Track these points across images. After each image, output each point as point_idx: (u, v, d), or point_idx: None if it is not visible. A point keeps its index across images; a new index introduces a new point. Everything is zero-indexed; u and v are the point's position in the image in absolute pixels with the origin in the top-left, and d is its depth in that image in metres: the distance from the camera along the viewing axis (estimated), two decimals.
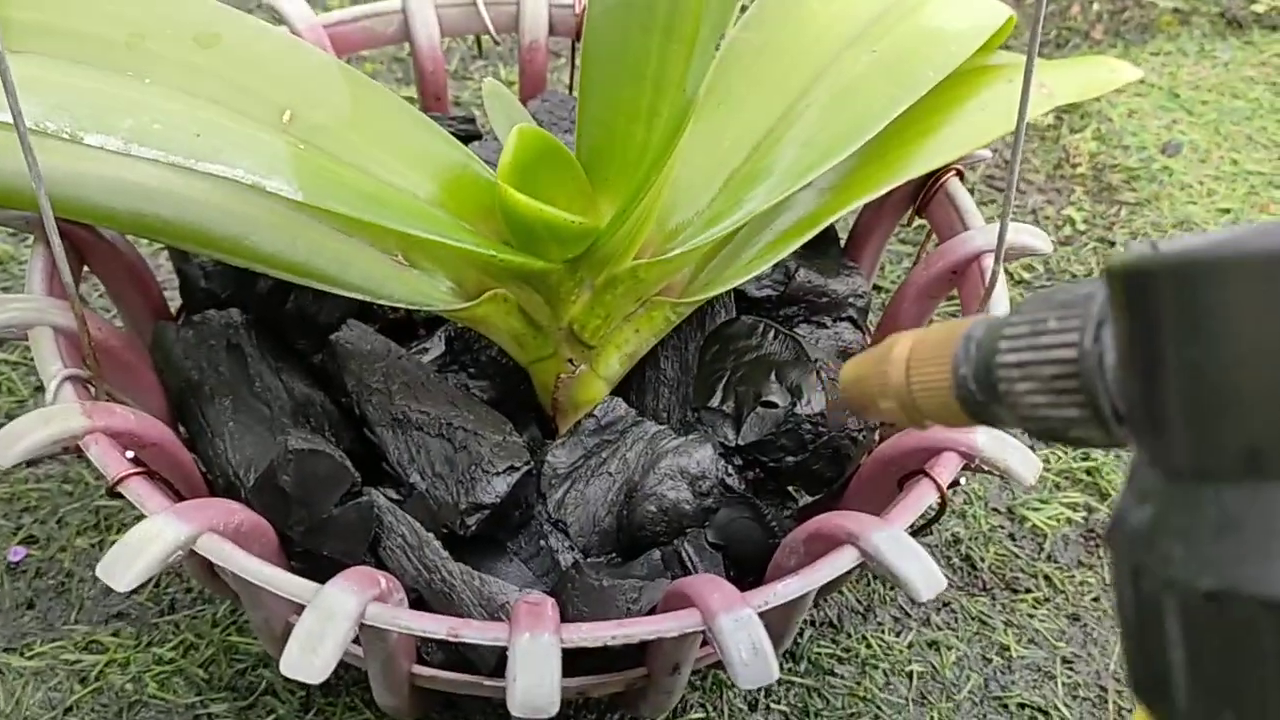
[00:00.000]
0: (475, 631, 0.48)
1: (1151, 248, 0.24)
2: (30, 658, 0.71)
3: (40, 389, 0.84)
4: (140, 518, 0.50)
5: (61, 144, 0.53)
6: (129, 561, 0.47)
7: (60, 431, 0.51)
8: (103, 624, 0.73)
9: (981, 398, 0.33)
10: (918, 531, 0.55)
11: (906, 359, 0.37)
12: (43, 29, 0.57)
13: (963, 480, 0.57)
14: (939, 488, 0.55)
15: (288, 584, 0.48)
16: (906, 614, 0.79)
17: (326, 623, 0.46)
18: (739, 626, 0.48)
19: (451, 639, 0.47)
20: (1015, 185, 0.55)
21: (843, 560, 0.52)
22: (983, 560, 0.82)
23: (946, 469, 0.56)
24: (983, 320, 0.34)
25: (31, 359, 0.87)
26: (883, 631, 0.78)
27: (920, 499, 0.55)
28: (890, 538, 0.51)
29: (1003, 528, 0.85)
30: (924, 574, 0.50)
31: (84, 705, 0.69)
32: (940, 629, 0.78)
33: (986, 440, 0.56)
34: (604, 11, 0.62)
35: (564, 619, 0.50)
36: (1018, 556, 0.83)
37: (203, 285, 0.69)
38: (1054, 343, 0.29)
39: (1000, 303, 0.62)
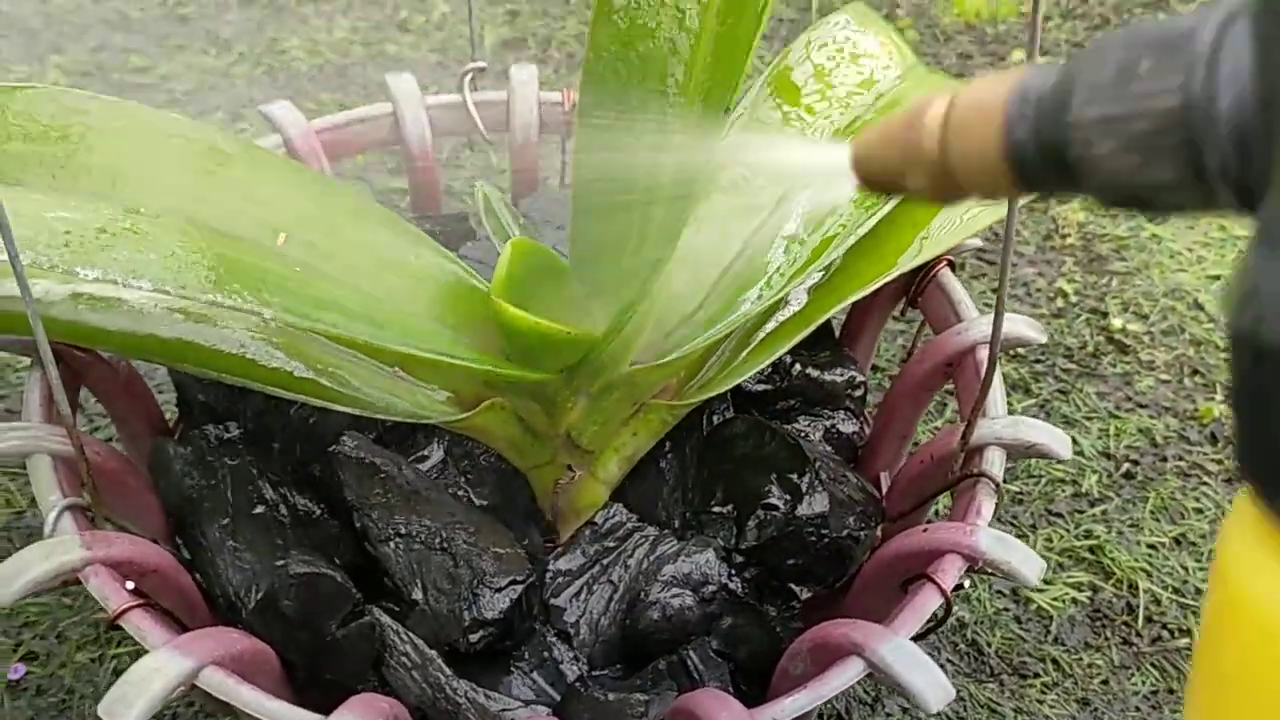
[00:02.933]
0: None
1: None
2: None
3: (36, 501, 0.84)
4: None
5: (48, 272, 0.53)
6: (131, 701, 0.46)
7: (60, 566, 0.51)
8: None
9: (1043, 163, 0.28)
10: (923, 635, 0.55)
11: (942, 122, 0.31)
12: (37, 160, 0.58)
13: (966, 583, 0.57)
14: (943, 592, 0.55)
15: (291, 717, 0.48)
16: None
17: None
18: None
19: None
20: (1006, 285, 0.55)
21: (850, 672, 0.51)
22: (989, 645, 0.81)
23: (949, 572, 0.56)
24: (1043, 70, 0.29)
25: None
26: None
27: (925, 604, 0.54)
28: (897, 648, 0.51)
29: (1008, 610, 0.84)
30: (933, 686, 0.50)
31: None
32: (950, 719, 0.77)
33: (989, 543, 0.56)
34: (594, 121, 0.63)
35: None
36: (1024, 640, 0.82)
37: (200, 399, 0.69)
38: (1150, 89, 0.24)
39: (996, 400, 0.63)
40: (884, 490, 0.72)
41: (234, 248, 0.57)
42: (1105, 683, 0.80)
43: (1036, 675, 0.80)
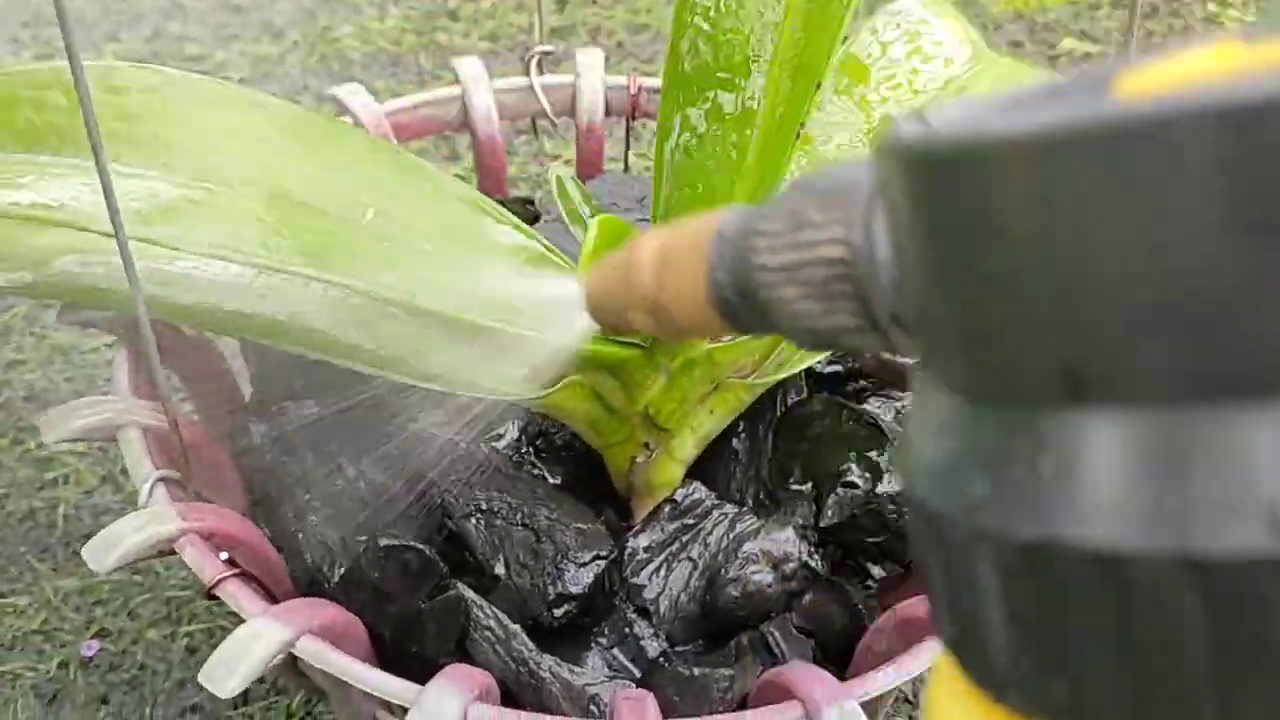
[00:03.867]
0: None
1: (921, 122, 0.18)
2: None
3: (106, 479, 0.85)
4: (233, 615, 0.50)
5: (138, 244, 0.53)
6: (231, 666, 0.47)
7: (155, 535, 0.52)
8: (178, 718, 0.73)
9: (742, 304, 0.28)
10: None
11: (654, 263, 0.31)
12: (129, 139, 0.58)
13: None
14: None
15: (389, 686, 0.48)
16: None
17: None
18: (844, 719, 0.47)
19: None
20: None
21: (938, 648, 0.51)
22: None
23: None
24: (736, 213, 0.29)
25: (98, 449, 0.88)
26: None
27: None
28: None
29: None
30: None
31: None
32: None
33: None
34: (678, 99, 0.63)
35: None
36: None
37: (277, 375, 0.70)
38: (819, 239, 0.24)
39: None
40: None
41: (321, 221, 0.58)
42: None
43: None
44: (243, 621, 0.49)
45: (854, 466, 0.63)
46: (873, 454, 0.63)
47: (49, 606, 0.79)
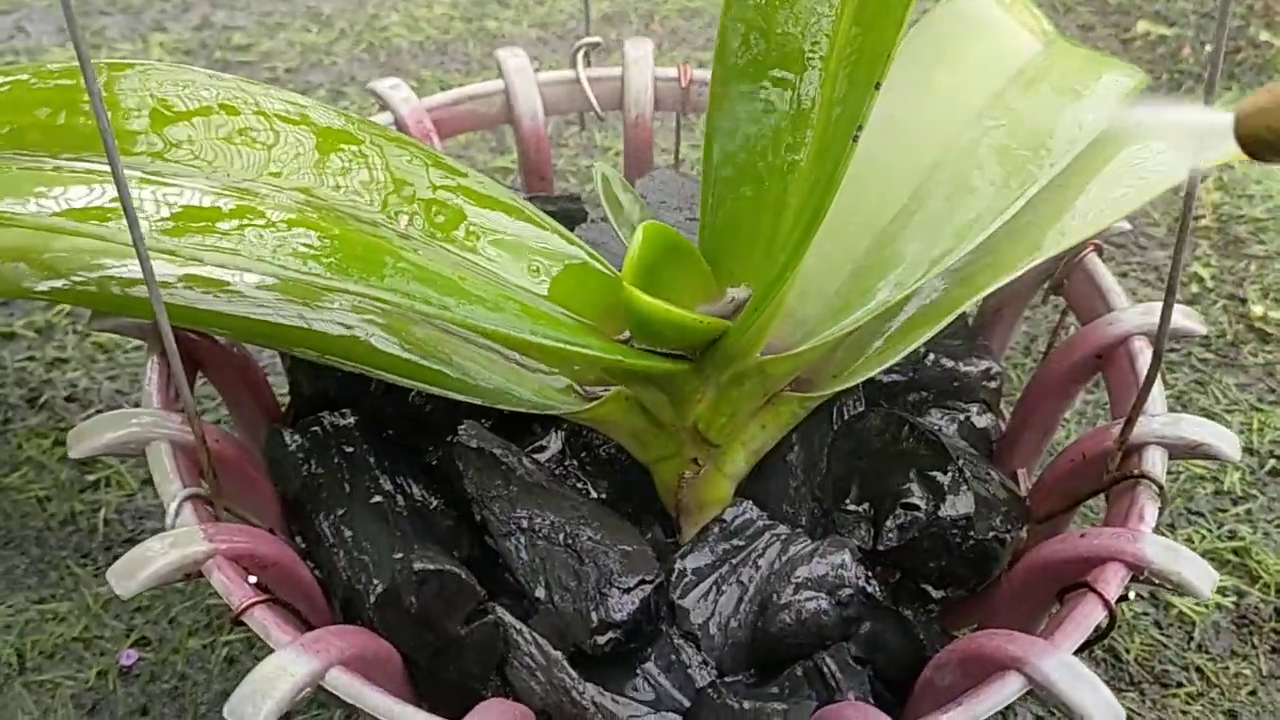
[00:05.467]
0: None
1: None
2: None
3: (148, 482, 0.84)
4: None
5: (167, 252, 0.51)
6: (257, 703, 0.45)
7: (182, 559, 0.50)
8: None
9: None
10: (1080, 649, 0.51)
11: None
12: (168, 144, 0.56)
13: (1131, 595, 0.53)
14: (1106, 604, 0.51)
15: None
16: (1051, 712, 0.74)
17: None
18: None
19: None
20: (1180, 266, 0.51)
21: (1008, 689, 0.48)
22: (1128, 652, 0.77)
23: (1112, 582, 0.52)
24: None
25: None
26: None
27: (1087, 617, 0.51)
28: (1062, 665, 0.47)
29: (1147, 614, 0.79)
30: (1102, 708, 0.46)
31: None
32: None
33: (1156, 551, 0.52)
34: (727, 98, 0.60)
35: None
36: (1166, 646, 0.78)
37: (311, 386, 0.68)
38: None
39: (1156, 395, 0.58)
40: (1024, 489, 0.68)
41: (355, 229, 0.55)
42: (1253, 693, 0.75)
43: (1180, 685, 0.76)
44: (271, 651, 0.47)
45: (915, 487, 0.59)
46: (935, 474, 0.59)
47: (89, 614, 0.78)
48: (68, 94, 0.59)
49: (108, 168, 0.56)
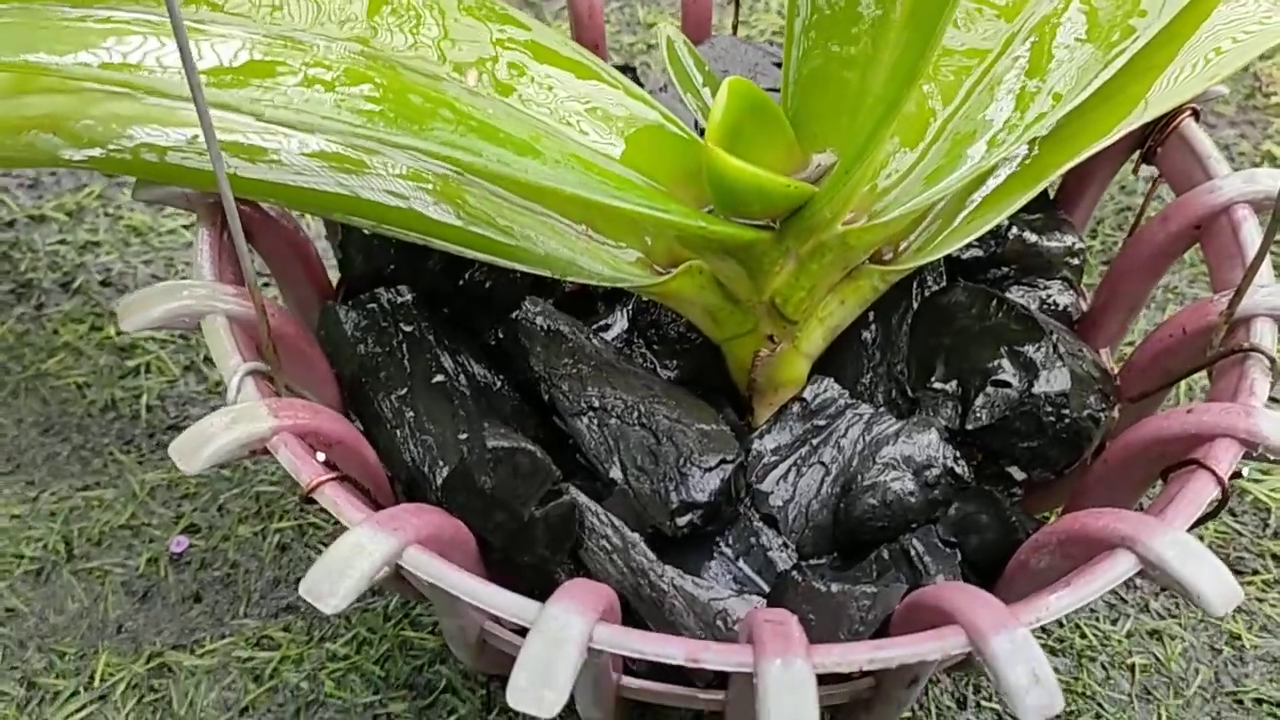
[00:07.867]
0: (717, 656, 0.42)
1: None
2: (201, 655, 0.68)
3: (190, 368, 0.81)
4: (324, 514, 0.46)
5: (216, 111, 0.48)
6: (335, 581, 0.42)
7: (247, 434, 0.47)
8: (273, 618, 0.70)
9: None
10: (1192, 528, 0.49)
11: None
12: None
13: (1245, 472, 0.50)
14: (1220, 481, 0.48)
15: (508, 604, 0.43)
16: (1122, 600, 0.72)
17: (556, 650, 0.41)
18: (1016, 650, 0.42)
19: (691, 665, 0.42)
20: None
21: (1119, 568, 0.45)
22: (1201, 539, 0.75)
23: (1225, 459, 0.49)
24: None
25: (179, 336, 0.84)
26: (1097, 620, 0.71)
27: (1199, 494, 0.48)
28: (1176, 542, 0.45)
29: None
30: (1219, 585, 0.44)
31: (260, 705, 0.66)
32: (1161, 617, 0.71)
33: (1272, 426, 0.49)
34: None
35: None
36: (1241, 534, 0.75)
37: (366, 262, 0.64)
38: None
39: (1265, 270, 0.55)
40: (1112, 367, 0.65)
41: (417, 85, 0.51)
42: None
43: (1255, 572, 0.74)
44: (343, 530, 0.45)
45: (1006, 363, 0.56)
46: (1027, 349, 0.56)
47: (135, 501, 0.76)
48: None
49: (151, 17, 0.52)
